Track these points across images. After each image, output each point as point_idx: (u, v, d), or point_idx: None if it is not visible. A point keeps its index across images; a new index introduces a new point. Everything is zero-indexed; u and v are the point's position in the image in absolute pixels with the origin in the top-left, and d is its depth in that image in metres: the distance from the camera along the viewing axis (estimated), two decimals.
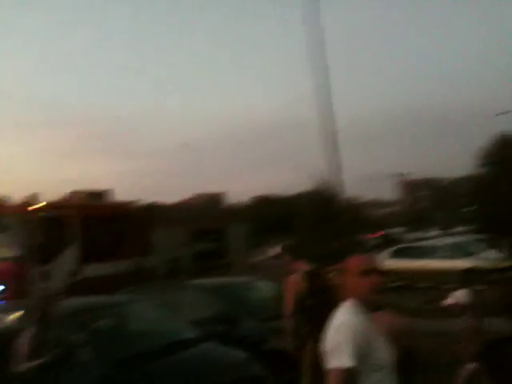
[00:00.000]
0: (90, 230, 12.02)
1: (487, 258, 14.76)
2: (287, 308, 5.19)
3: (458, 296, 5.01)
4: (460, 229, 41.87)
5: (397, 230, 45.86)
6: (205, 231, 15.62)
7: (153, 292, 7.59)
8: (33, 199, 11.85)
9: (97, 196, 14.48)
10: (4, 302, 9.04)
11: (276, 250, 40.26)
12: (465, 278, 14.58)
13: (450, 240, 19.16)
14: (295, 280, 5.21)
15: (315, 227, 11.68)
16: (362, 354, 2.16)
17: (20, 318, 5.57)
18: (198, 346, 5.58)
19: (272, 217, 51.28)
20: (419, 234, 43.62)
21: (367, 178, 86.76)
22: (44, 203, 11.83)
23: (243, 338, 6.20)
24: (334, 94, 17.15)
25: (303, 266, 5.33)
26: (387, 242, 26.70)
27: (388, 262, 14.86)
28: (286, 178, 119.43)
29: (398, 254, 16.52)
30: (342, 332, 2.19)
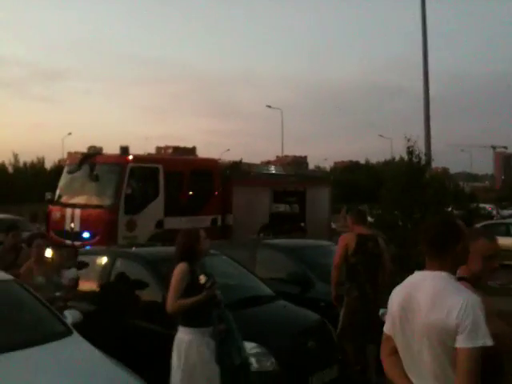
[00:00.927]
0: (175, 184, 12.46)
1: None
2: (335, 260, 5.80)
3: None
4: None
5: (488, 205, 43.62)
6: (287, 193, 15.69)
7: (231, 248, 7.79)
8: (124, 152, 12.42)
9: (184, 152, 14.92)
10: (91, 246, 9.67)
11: None
12: None
13: None
14: (348, 238, 5.79)
15: (400, 196, 11.31)
16: None
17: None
18: (270, 303, 5.71)
19: (355, 183, 50.49)
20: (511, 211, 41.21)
21: (460, 149, 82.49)
22: (134, 156, 12.37)
23: (315, 300, 6.26)
24: (431, 59, 16.40)
25: (361, 230, 5.83)
26: (475, 216, 25.46)
27: None
28: (372, 145, 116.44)
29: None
30: (478, 309, 2.11)
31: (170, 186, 12.30)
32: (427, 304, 2.19)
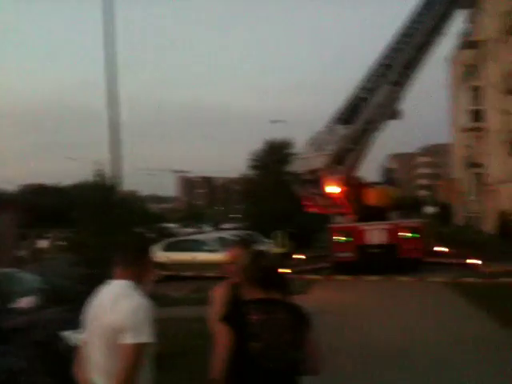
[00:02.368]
0: None
1: None
2: None
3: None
4: (229, 225, 45.11)
5: (172, 224, 47.18)
6: None
7: None
8: None
9: None
10: None
11: (46, 242, 37.71)
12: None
13: (216, 235, 20.66)
14: None
15: (92, 219, 11.46)
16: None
17: None
18: None
19: (44, 207, 47.95)
20: (193, 229, 45.67)
21: (148, 172, 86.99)
22: None
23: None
24: (122, 85, 17.10)
25: None
26: (162, 235, 27.39)
27: (160, 254, 15.41)
28: (64, 167, 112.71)
29: (170, 247, 17.24)
30: (145, 311, 2.42)
31: None
32: (106, 308, 2.50)
